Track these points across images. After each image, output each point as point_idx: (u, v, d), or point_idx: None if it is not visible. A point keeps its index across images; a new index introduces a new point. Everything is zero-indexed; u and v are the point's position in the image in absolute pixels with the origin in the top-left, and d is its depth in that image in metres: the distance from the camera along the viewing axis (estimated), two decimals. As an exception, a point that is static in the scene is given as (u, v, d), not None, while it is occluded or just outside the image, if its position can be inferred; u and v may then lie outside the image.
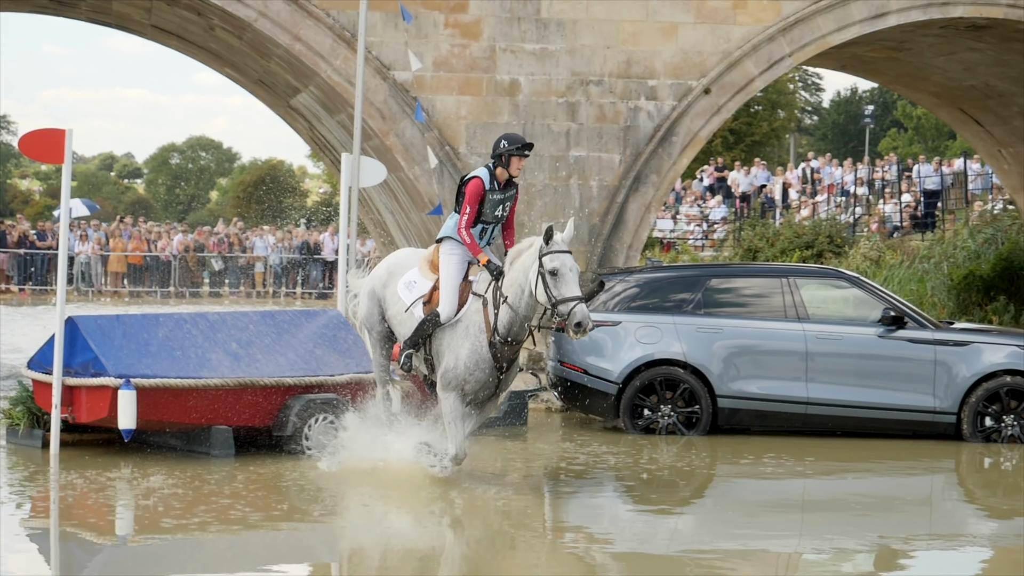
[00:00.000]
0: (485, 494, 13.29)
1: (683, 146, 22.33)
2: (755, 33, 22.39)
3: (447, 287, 13.53)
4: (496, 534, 11.87)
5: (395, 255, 14.56)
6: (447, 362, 13.32)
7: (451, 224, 13.71)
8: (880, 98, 79.45)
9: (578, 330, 12.61)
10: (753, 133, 61.03)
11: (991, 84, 26.62)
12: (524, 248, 13.24)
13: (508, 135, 13.80)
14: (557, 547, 11.39)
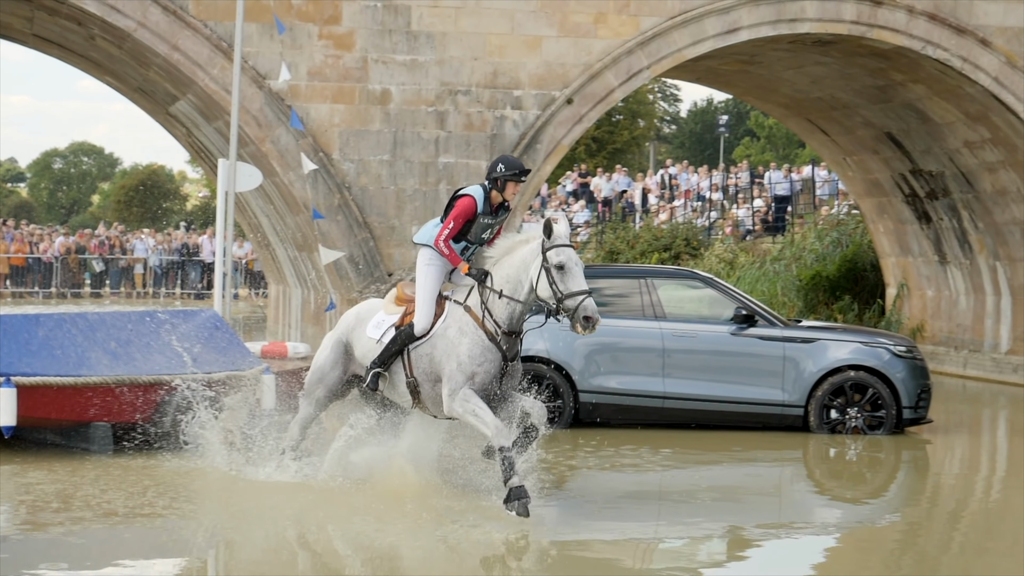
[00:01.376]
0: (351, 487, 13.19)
1: (547, 153, 22.44)
2: (615, 47, 22.54)
3: (424, 299, 12.55)
4: (367, 519, 11.81)
5: (364, 305, 13.50)
6: (449, 368, 12.23)
7: (432, 232, 12.64)
8: (734, 109, 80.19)
9: (587, 324, 11.80)
10: (615, 141, 61.38)
11: (836, 96, 27.00)
12: (517, 243, 12.39)
13: (505, 158, 12.68)
14: (425, 535, 11.37)
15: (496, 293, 12.25)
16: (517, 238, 12.50)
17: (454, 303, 12.51)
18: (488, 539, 11.19)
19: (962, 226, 27.22)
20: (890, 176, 28.32)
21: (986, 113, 24.42)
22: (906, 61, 24.02)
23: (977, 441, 20.07)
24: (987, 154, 25.39)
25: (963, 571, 11.26)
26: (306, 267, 24.25)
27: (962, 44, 23.55)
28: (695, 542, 11.67)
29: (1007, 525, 13.37)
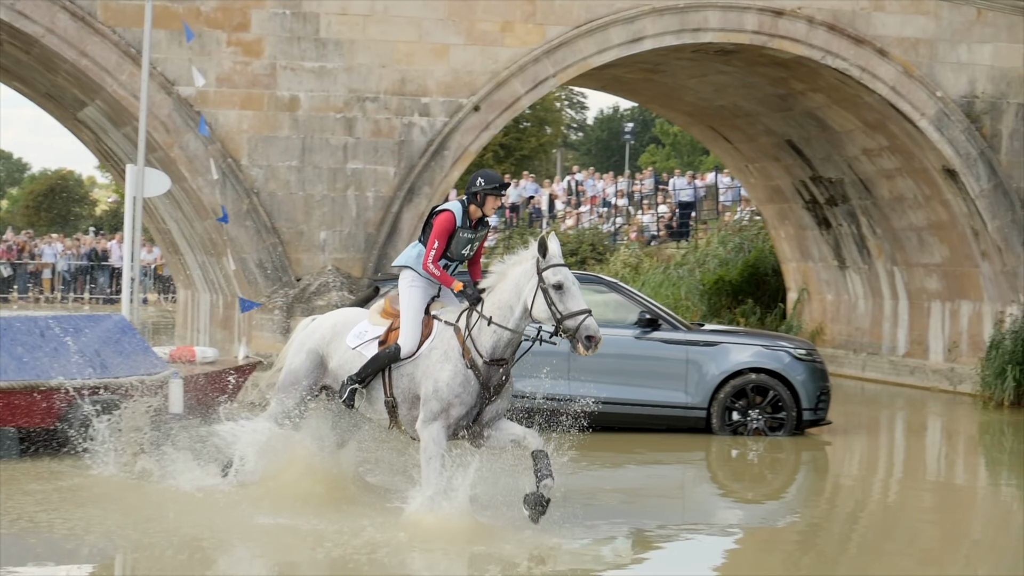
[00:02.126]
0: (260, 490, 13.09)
1: (454, 159, 22.45)
2: (522, 55, 22.57)
3: (409, 320, 12.01)
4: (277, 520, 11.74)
5: (338, 313, 13.04)
6: (427, 390, 11.76)
7: (412, 254, 12.22)
8: (640, 116, 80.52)
9: (590, 344, 11.30)
10: (522, 148, 61.42)
11: (739, 104, 27.20)
12: (510, 266, 11.86)
13: (484, 173, 12.22)
14: (322, 546, 11.32)
15: (485, 320, 11.71)
16: (510, 261, 11.95)
17: (444, 324, 11.99)
18: (395, 542, 11.15)
19: (861, 232, 27.51)
20: (791, 183, 28.58)
21: (884, 121, 24.69)
22: (806, 70, 24.23)
23: (875, 442, 20.29)
24: (885, 161, 25.67)
25: (861, 571, 11.37)
26: (215, 272, 24.08)
27: (860, 54, 23.79)
28: (598, 544, 11.69)
29: (904, 525, 13.52)
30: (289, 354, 12.88)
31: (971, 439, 21.13)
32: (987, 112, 24.47)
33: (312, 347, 12.61)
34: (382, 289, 18.59)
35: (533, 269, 11.57)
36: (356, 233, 22.17)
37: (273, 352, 21.36)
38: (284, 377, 12.75)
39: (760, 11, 23.35)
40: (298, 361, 12.65)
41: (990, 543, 13.06)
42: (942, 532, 13.18)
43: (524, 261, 11.76)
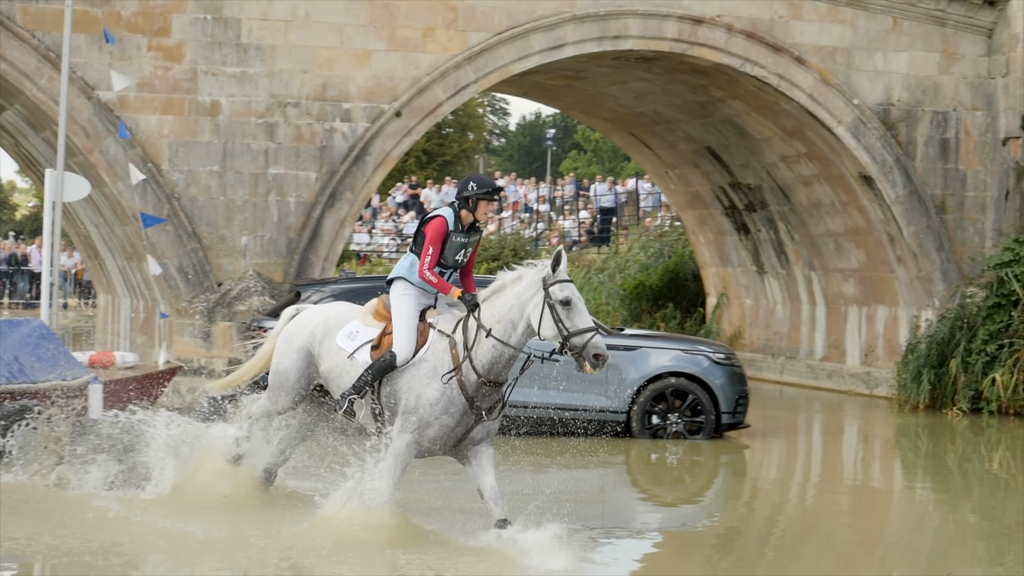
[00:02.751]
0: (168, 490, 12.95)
1: (376, 165, 22.39)
2: (443, 61, 22.56)
3: (403, 327, 11.59)
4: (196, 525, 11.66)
5: (330, 308, 12.53)
6: (408, 401, 11.41)
7: (404, 265, 11.82)
8: (562, 122, 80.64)
9: (597, 363, 10.98)
10: (445, 153, 61.40)
11: (659, 111, 27.32)
12: (508, 282, 11.47)
13: (476, 177, 11.89)
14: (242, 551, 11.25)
15: (485, 331, 11.32)
16: (507, 277, 11.56)
17: (439, 334, 11.60)
18: (314, 545, 11.11)
19: (779, 237, 27.71)
20: (710, 189, 28.74)
21: (801, 129, 24.87)
22: (725, 78, 24.38)
23: (793, 445, 20.43)
24: (803, 168, 25.87)
25: (779, 573, 11.44)
26: (135, 277, 23.89)
27: (779, 62, 23.96)
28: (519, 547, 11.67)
29: (821, 527, 13.63)
30: (277, 352, 12.42)
31: (887, 442, 21.32)
32: (903, 120, 24.71)
33: (303, 344, 12.24)
34: (304, 294, 18.60)
35: (538, 284, 11.24)
36: (277, 238, 22.07)
37: (194, 357, 21.30)
38: (273, 378, 12.38)
39: (680, 19, 23.45)
40: (288, 361, 12.26)
41: (905, 545, 13.19)
42: (858, 534, 13.28)
43: (524, 276, 11.43)
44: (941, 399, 23.30)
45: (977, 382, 22.87)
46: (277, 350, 12.44)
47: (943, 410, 23.05)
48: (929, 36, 24.85)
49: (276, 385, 12.34)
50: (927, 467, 18.77)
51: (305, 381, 12.25)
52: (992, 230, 24.93)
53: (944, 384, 23.29)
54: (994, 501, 16.01)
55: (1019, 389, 22.35)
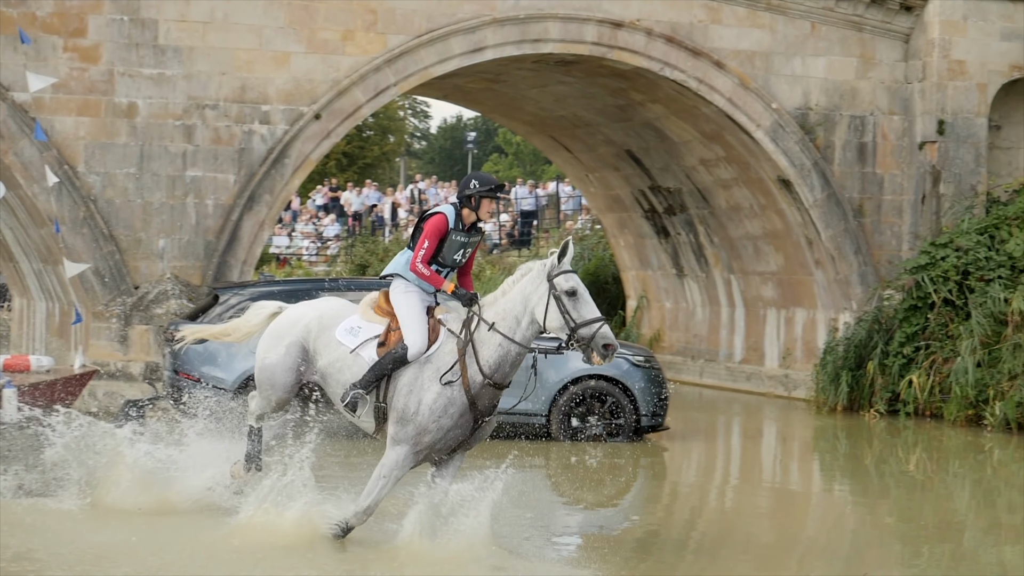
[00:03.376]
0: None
1: (295, 167, 22.27)
2: (363, 63, 22.48)
3: (413, 321, 11.23)
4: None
5: (322, 303, 12.08)
6: (405, 405, 11.08)
7: (401, 261, 11.52)
8: (483, 125, 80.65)
9: (607, 353, 10.76)
10: (365, 156, 61.23)
11: (579, 115, 27.38)
12: (511, 283, 11.25)
13: (479, 175, 11.62)
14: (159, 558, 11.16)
15: (487, 324, 11.09)
16: (510, 279, 11.31)
17: (448, 333, 11.27)
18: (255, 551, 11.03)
19: (698, 240, 27.84)
20: (630, 192, 28.83)
21: (721, 132, 25.01)
22: (645, 81, 24.46)
23: (712, 447, 20.54)
24: (722, 171, 26.01)
25: (697, 573, 11.48)
26: (51, 280, 23.62)
27: (698, 66, 24.07)
28: (435, 549, 11.64)
29: (740, 528, 13.69)
30: (262, 349, 11.91)
31: (805, 444, 21.48)
32: (821, 124, 24.90)
33: (294, 340, 11.72)
34: (221, 297, 18.50)
35: (541, 276, 11.04)
36: (195, 241, 21.91)
37: (111, 361, 21.10)
38: (260, 375, 11.88)
39: (600, 23, 23.51)
40: (275, 356, 11.75)
41: (823, 546, 13.28)
42: (777, 536, 13.37)
43: (527, 272, 11.23)
44: (858, 401, 23.49)
45: (894, 384, 23.07)
46: (261, 346, 11.94)
47: (860, 412, 23.24)
48: (847, 41, 25.05)
49: (264, 382, 11.85)
50: (845, 469, 18.91)
51: (295, 376, 11.70)
52: (909, 233, 25.17)
53: (862, 386, 23.48)
54: (910, 502, 16.16)
55: (935, 391, 22.57)
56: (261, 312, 12.35)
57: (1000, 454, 19.86)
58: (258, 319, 12.30)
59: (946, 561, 12.55)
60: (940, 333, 22.97)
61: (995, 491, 17.25)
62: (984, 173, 25.12)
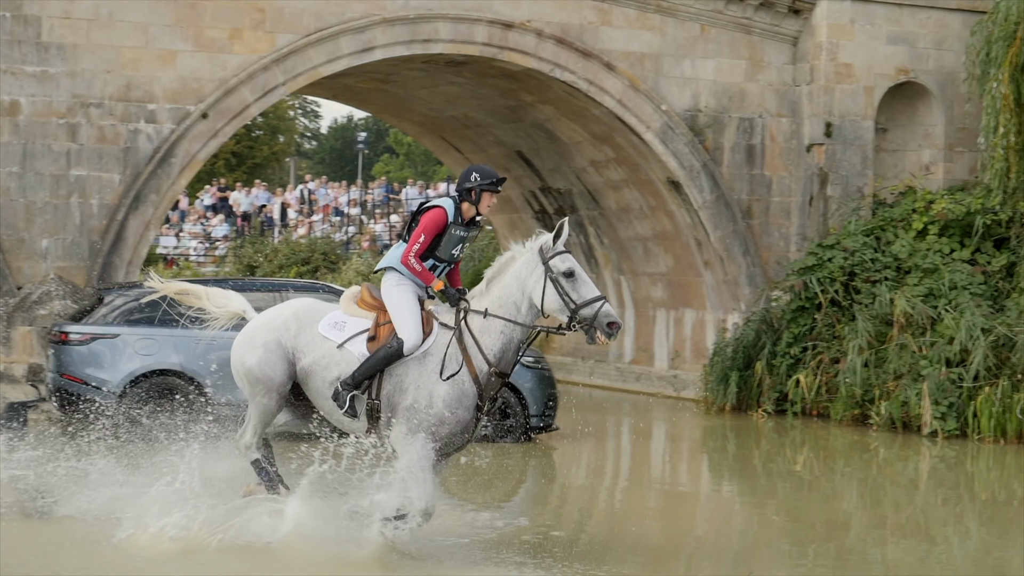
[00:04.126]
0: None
1: (182, 167, 22.04)
2: (251, 62, 22.30)
3: (406, 314, 10.94)
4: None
5: (298, 303, 11.63)
6: (416, 399, 10.82)
7: (395, 255, 11.25)
8: (374, 126, 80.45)
9: (612, 331, 10.64)
10: (255, 156, 60.85)
11: (469, 115, 27.37)
12: (504, 264, 11.10)
13: (480, 168, 11.36)
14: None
15: (480, 314, 10.89)
16: (502, 260, 11.15)
17: (442, 326, 11.05)
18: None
19: (589, 242, 27.94)
20: (521, 193, 28.88)
21: (611, 134, 25.11)
22: (536, 82, 24.51)
23: (602, 447, 20.62)
24: (612, 173, 26.12)
25: (586, 574, 11.50)
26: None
27: (588, 67, 24.15)
28: (320, 550, 11.58)
29: (629, 528, 13.75)
30: (237, 357, 11.47)
31: (694, 443, 21.63)
32: (710, 126, 25.09)
33: (271, 338, 11.32)
34: (106, 298, 18.29)
35: (536, 259, 10.89)
36: (80, 241, 21.61)
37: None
38: (246, 382, 11.45)
39: (490, 23, 23.52)
40: (255, 357, 11.29)
41: (711, 546, 13.37)
42: (666, 536, 13.44)
43: (520, 255, 11.06)
44: (747, 401, 23.71)
45: (782, 384, 23.32)
46: (236, 356, 11.50)
47: (749, 412, 23.45)
48: (736, 43, 25.26)
49: (253, 385, 11.39)
50: (733, 468, 19.07)
51: (285, 368, 11.25)
52: (796, 235, 25.44)
53: (750, 386, 23.70)
54: (798, 501, 16.33)
55: (822, 391, 22.83)
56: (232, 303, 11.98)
57: (885, 453, 20.13)
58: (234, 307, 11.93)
59: (832, 560, 12.69)
60: (827, 334, 23.26)
61: (881, 489, 17.48)
62: (870, 175, 25.45)
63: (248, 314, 11.87)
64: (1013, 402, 20.20)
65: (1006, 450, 19.91)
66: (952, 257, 23.24)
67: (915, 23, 25.58)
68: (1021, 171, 22.62)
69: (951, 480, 18.55)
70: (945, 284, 22.52)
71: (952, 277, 22.58)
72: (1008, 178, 22.65)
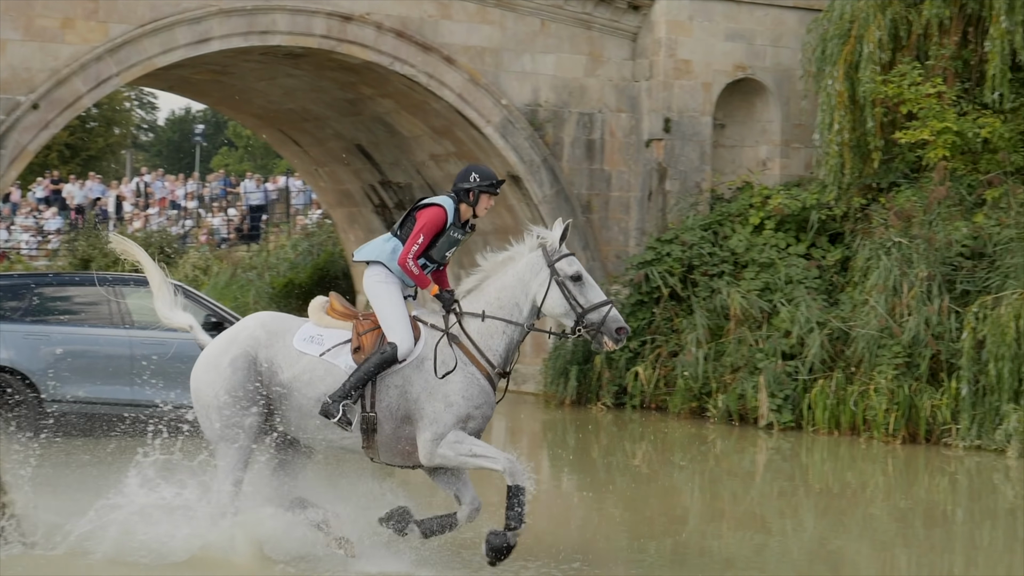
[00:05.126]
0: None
1: (12, 159, 21.55)
2: (83, 52, 21.87)
3: (396, 316, 10.52)
4: None
5: (262, 315, 11.05)
6: (433, 408, 10.44)
7: (386, 248, 10.79)
8: (213, 118, 79.56)
9: (620, 337, 10.41)
10: (89, 148, 59.81)
11: (308, 108, 27.15)
12: (499, 263, 10.82)
13: (479, 168, 10.98)
14: None
15: (477, 316, 10.59)
16: (497, 259, 10.85)
17: (430, 328, 10.63)
18: None
19: (429, 236, 27.83)
20: (360, 187, 28.71)
21: (451, 128, 25.08)
22: (375, 76, 24.37)
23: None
24: (452, 167, 26.07)
25: (414, 571, 11.42)
26: None
27: (428, 61, 24.08)
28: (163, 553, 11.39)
29: (469, 524, 13.70)
30: (202, 382, 10.76)
31: (534, 437, 21.68)
32: (550, 120, 25.18)
33: (239, 352, 10.63)
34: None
35: (541, 261, 10.62)
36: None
37: None
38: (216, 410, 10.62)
39: (329, 16, 23.33)
40: (224, 379, 10.57)
41: (550, 540, 13.37)
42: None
43: (519, 256, 10.78)
44: (587, 395, 23.84)
45: (621, 378, 23.48)
46: (201, 380, 10.76)
47: (588, 405, 23.58)
48: (576, 39, 25.37)
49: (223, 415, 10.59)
50: (573, 462, 19.13)
51: (255, 388, 10.57)
52: (636, 229, 25.63)
53: (589, 380, 23.83)
54: (636, 494, 16.43)
55: (660, 384, 23.04)
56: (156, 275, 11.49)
57: (722, 445, 20.37)
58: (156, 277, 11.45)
59: (670, 553, 12.77)
60: (665, 327, 23.48)
61: (718, 482, 17.66)
62: (708, 171, 25.73)
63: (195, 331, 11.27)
64: (847, 394, 20.55)
65: (840, 441, 20.25)
66: (788, 252, 23.57)
67: (752, 20, 25.92)
68: (855, 167, 23.05)
69: (787, 472, 18.82)
70: (781, 278, 22.85)
71: (788, 271, 22.91)
72: (842, 174, 23.06)
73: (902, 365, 20.14)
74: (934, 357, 20.09)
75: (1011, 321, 18.73)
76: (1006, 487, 17.39)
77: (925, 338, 20.07)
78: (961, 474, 18.29)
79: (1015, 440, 18.41)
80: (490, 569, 10.92)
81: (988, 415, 19.04)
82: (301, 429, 10.78)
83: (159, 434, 11.50)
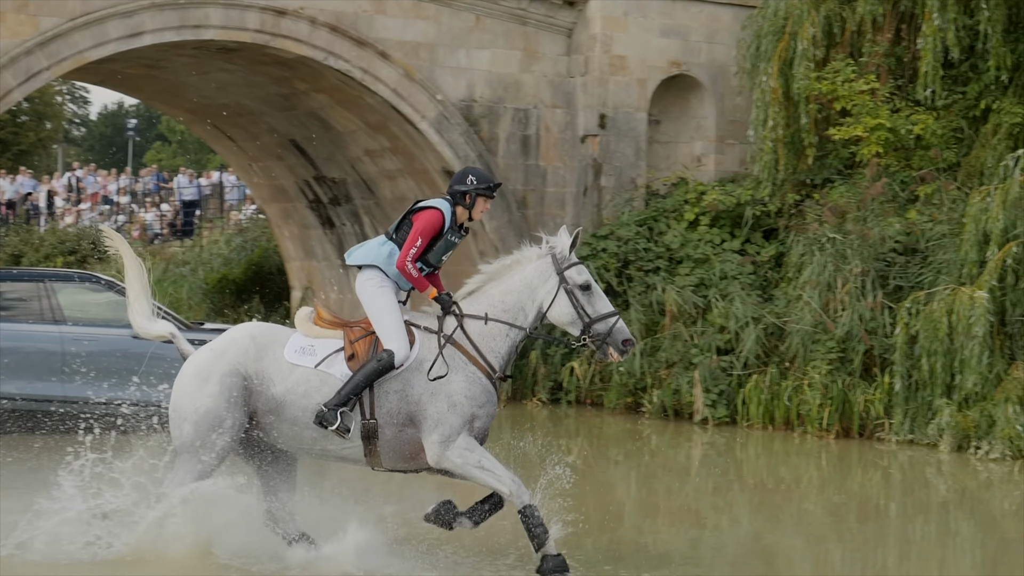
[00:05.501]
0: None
1: (-59, 154, 21.33)
2: (13, 46, 21.62)
3: (391, 322, 10.43)
4: None
5: (251, 326, 10.86)
6: (437, 410, 10.36)
7: (383, 252, 10.71)
8: (145, 113, 79.01)
9: (626, 348, 10.42)
10: (20, 142, 59.27)
11: (242, 103, 26.98)
12: (505, 268, 10.73)
13: (476, 171, 10.84)
14: None
15: (481, 319, 10.48)
16: (504, 262, 10.78)
17: (425, 331, 10.54)
18: None
19: (363, 231, 27.76)
20: (295, 182, 28.57)
21: (386, 123, 24.99)
22: (309, 71, 24.25)
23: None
24: (387, 162, 25.99)
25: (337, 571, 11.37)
26: None
27: (363, 56, 23.98)
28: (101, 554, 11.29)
29: (397, 523, 13.66)
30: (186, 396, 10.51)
31: (469, 434, 21.58)
32: (485, 116, 25.14)
33: (229, 368, 10.42)
34: None
35: (550, 268, 10.60)
36: None
37: None
38: (194, 422, 10.40)
39: (262, 10, 23.18)
40: (209, 397, 10.35)
41: (486, 535, 13.34)
42: (439, 531, 13.36)
43: (526, 261, 10.72)
44: (522, 390, 23.83)
45: (556, 373, 23.49)
46: (185, 394, 10.53)
47: (524, 401, 23.57)
48: (511, 34, 25.34)
49: (204, 429, 10.36)
50: (508, 459, 19.04)
51: (241, 413, 10.42)
52: (571, 225, 25.57)
53: (525, 375, 23.82)
54: (572, 491, 16.39)
55: (596, 379, 23.06)
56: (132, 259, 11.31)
57: (657, 440, 20.42)
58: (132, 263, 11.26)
59: (605, 549, 12.77)
60: (601, 323, 23.46)
61: (653, 477, 17.71)
62: (643, 166, 25.78)
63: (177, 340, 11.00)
64: (781, 389, 20.65)
65: (774, 436, 20.34)
66: (723, 247, 23.66)
67: (687, 17, 25.98)
68: (789, 163, 23.17)
69: (721, 466, 18.87)
70: (716, 274, 22.93)
71: (722, 267, 22.99)
72: (777, 170, 23.18)
73: (836, 360, 20.25)
74: (867, 352, 20.21)
75: (943, 316, 18.84)
76: (939, 481, 17.52)
77: (859, 333, 20.19)
78: (894, 468, 18.41)
79: (947, 435, 18.53)
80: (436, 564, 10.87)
81: (921, 410, 19.16)
82: (297, 441, 10.63)
83: (90, 431, 11.37)
